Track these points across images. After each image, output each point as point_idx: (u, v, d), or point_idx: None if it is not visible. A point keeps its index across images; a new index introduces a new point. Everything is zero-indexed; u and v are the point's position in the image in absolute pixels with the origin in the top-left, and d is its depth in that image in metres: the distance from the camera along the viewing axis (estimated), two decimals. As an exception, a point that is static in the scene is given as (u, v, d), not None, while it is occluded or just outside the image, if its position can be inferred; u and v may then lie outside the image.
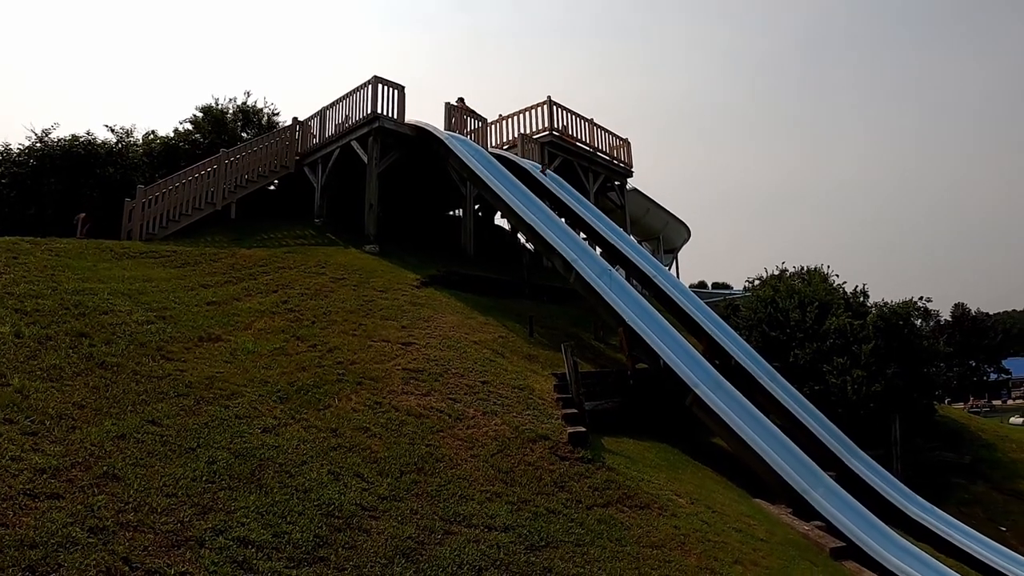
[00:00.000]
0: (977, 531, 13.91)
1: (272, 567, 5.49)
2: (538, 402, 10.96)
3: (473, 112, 22.18)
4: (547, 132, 22.37)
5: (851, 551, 10.27)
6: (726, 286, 52.98)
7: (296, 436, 7.96)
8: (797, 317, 19.22)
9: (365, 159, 18.76)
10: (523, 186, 17.59)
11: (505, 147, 22.03)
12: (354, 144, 19.15)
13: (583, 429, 10.19)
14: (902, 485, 14.40)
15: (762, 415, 13.15)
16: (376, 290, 14.26)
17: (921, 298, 21.26)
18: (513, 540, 7.07)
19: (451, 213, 25.45)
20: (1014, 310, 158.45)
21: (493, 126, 22.96)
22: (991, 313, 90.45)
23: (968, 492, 17.97)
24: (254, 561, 5.48)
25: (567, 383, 11.47)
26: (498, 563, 6.57)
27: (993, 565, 12.82)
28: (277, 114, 25.43)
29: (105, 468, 6.15)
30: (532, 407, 10.68)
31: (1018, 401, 77.85)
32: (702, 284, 61.29)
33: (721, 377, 13.64)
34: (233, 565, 5.35)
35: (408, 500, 7.30)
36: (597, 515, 8.20)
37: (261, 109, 25.11)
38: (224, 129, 23.31)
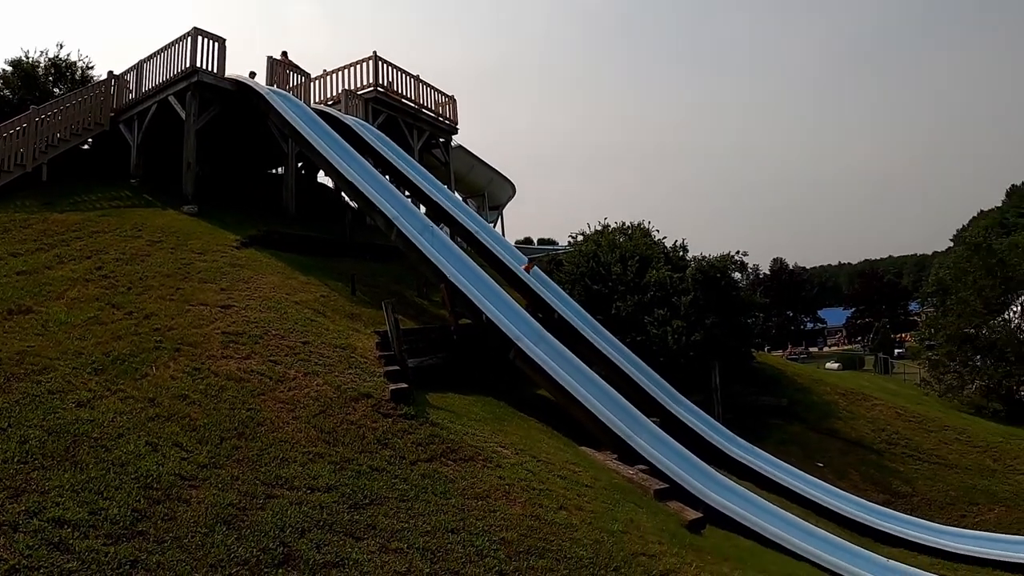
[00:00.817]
0: (796, 468, 15.11)
1: (89, 546, 5.48)
2: (360, 361, 11.09)
3: (296, 67, 21.82)
4: (372, 88, 22.26)
5: (675, 492, 10.89)
6: (552, 242, 53.88)
7: (112, 408, 7.89)
8: (619, 271, 20.03)
9: (183, 115, 18.20)
10: (345, 143, 17.47)
11: (329, 103, 21.67)
12: (172, 99, 18.50)
13: (406, 386, 10.36)
14: (723, 428, 15.42)
15: (585, 366, 13.73)
16: (194, 252, 13.99)
17: (738, 252, 22.17)
18: (336, 500, 7.21)
19: (273, 171, 25.04)
20: (829, 264, 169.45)
21: (317, 81, 22.55)
22: (808, 268, 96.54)
23: (786, 432, 19.31)
24: (71, 541, 5.46)
25: (389, 341, 11.58)
26: (321, 524, 6.71)
27: (811, 498, 14.05)
28: (91, 68, 24.37)
29: (-91, 457, 6.00)
30: (354, 366, 10.81)
31: (833, 348, 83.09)
32: (528, 240, 62.15)
33: (543, 330, 14.12)
34: (49, 547, 5.33)
35: (228, 466, 7.36)
36: (421, 470, 8.39)
37: (75, 63, 23.96)
38: (35, 85, 22.13)
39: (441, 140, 25.98)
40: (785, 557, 10.55)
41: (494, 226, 30.82)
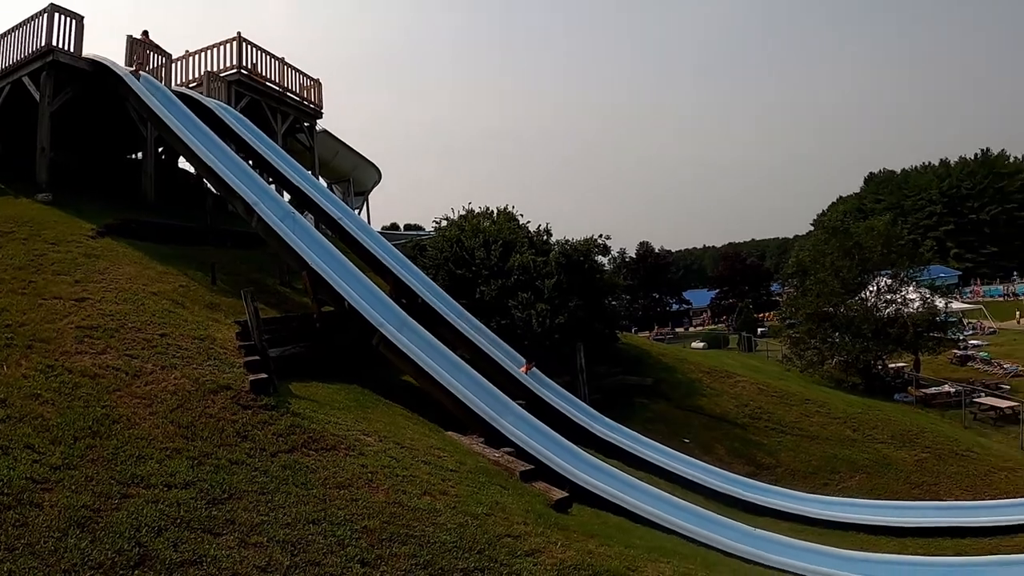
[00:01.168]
0: (662, 444, 15.74)
1: (-64, 558, 5.33)
2: (220, 352, 11.06)
3: (158, 47, 21.22)
4: (235, 70, 21.91)
5: (541, 472, 11.19)
6: (419, 227, 53.90)
7: (-40, 412, 7.68)
8: (482, 255, 20.34)
9: (37, 97, 17.48)
10: (206, 127, 17.22)
11: (191, 85, 21.25)
12: (26, 80, 17.73)
13: (266, 376, 10.35)
14: (590, 408, 15.91)
15: (449, 351, 14.03)
16: (47, 243, 13.61)
17: (601, 236, 22.78)
18: (194, 496, 7.16)
19: (133, 156, 24.18)
20: (694, 248, 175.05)
21: (179, 63, 22.02)
22: (673, 251, 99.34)
23: (652, 411, 20.14)
24: (-84, 554, 5.30)
25: (250, 330, 11.56)
26: (178, 521, 6.65)
27: (678, 472, 14.69)
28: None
29: None
30: (214, 357, 10.77)
31: (698, 328, 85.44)
32: (394, 226, 61.95)
33: (406, 316, 14.33)
34: None
35: (83, 467, 7.24)
36: (282, 461, 8.41)
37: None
38: None
39: (306, 124, 25.68)
40: (654, 531, 10.93)
41: (359, 212, 30.62)
